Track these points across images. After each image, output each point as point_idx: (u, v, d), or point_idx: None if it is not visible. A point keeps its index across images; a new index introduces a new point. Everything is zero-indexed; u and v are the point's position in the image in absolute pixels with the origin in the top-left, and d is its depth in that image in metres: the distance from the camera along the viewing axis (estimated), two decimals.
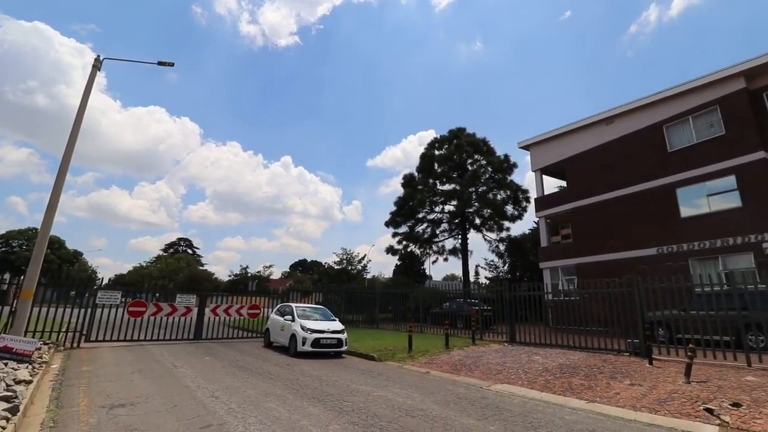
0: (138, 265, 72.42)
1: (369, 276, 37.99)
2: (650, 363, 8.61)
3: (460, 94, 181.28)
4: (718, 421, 5.09)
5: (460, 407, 5.83)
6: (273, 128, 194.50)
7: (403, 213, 29.18)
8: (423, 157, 29.89)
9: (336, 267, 32.48)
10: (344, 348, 11.30)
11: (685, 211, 15.34)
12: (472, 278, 33.36)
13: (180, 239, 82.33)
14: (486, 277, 35.95)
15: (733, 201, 14.12)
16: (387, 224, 30.02)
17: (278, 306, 14.01)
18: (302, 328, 11.06)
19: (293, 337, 11.13)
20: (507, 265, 32.67)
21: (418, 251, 31.18)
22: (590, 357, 9.70)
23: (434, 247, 30.14)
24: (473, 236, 31.59)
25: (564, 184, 22.14)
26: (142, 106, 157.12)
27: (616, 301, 10.63)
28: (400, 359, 10.41)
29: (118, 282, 66.02)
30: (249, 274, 48.21)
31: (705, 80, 15.21)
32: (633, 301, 10.12)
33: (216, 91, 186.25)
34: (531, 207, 26.67)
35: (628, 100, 18.06)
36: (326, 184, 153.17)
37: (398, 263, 36.60)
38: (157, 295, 15.67)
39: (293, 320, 11.58)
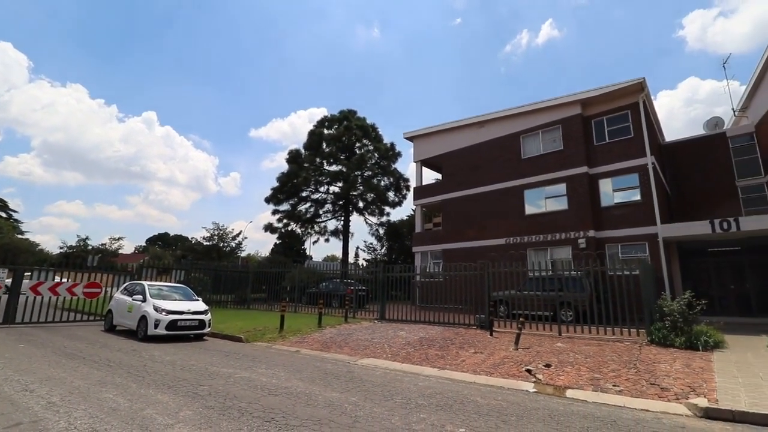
0: None
1: (244, 254, 35.77)
2: (491, 334, 10.13)
3: (354, 77, 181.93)
4: (534, 379, 6.27)
5: (325, 383, 5.92)
6: (135, 76, 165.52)
7: (286, 190, 28.13)
8: (311, 134, 29.15)
9: (205, 243, 29.61)
10: (207, 330, 10.42)
11: (529, 210, 18.32)
12: (351, 259, 34.29)
13: None
14: (365, 259, 37.39)
15: (562, 204, 17.38)
16: (267, 200, 28.57)
17: (126, 284, 12.14)
18: (155, 308, 9.81)
19: (143, 319, 9.79)
20: (385, 248, 34.54)
21: (299, 230, 30.55)
22: (446, 330, 10.91)
23: (316, 228, 29.94)
24: (355, 219, 32.42)
25: (440, 176, 24.20)
26: None
27: (471, 283, 12.18)
28: (270, 339, 10.09)
29: None
30: (90, 247, 40.45)
31: (553, 102, 18.25)
32: (483, 283, 11.72)
33: (56, 17, 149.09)
34: (410, 195, 28.53)
35: (497, 109, 20.56)
36: (200, 150, 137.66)
37: (278, 242, 35.30)
38: None
39: (144, 300, 10.19)
